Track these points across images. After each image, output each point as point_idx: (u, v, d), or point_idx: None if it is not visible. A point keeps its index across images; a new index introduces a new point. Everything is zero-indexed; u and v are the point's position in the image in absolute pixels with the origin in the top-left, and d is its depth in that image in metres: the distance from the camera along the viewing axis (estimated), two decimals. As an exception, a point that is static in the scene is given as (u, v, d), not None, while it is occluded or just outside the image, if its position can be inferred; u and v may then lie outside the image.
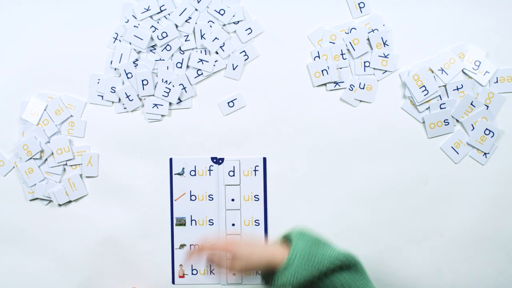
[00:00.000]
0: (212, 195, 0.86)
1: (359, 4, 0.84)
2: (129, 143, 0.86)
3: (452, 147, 0.84)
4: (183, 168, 0.86)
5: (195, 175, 0.86)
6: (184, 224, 0.86)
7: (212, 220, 0.86)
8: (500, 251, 0.84)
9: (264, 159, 0.85)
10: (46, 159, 0.86)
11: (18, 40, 0.86)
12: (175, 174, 0.86)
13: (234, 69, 0.85)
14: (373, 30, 0.83)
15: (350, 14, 0.84)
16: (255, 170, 0.85)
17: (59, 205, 0.87)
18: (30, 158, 0.86)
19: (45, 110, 0.86)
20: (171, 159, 0.86)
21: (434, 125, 0.83)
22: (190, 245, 0.86)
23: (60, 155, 0.86)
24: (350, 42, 0.83)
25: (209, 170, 0.86)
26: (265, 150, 0.86)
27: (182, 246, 0.87)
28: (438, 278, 0.85)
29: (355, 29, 0.83)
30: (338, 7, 0.84)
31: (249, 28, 0.85)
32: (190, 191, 0.86)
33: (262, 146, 0.86)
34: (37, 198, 0.87)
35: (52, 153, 0.86)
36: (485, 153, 0.84)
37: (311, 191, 0.85)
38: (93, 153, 0.86)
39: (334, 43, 0.84)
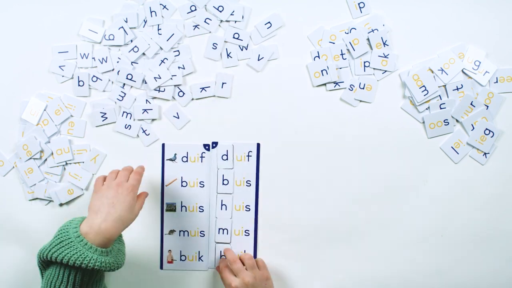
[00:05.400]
0: (203, 181, 0.86)
1: (359, 4, 0.84)
2: (127, 147, 0.86)
3: (452, 147, 0.84)
4: (175, 154, 0.86)
5: (187, 161, 0.86)
6: (174, 210, 0.87)
7: (202, 206, 0.87)
8: (500, 251, 0.84)
9: (258, 145, 0.85)
10: (46, 159, 0.86)
11: (18, 40, 0.86)
12: (167, 159, 0.86)
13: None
14: (373, 30, 0.83)
15: (350, 14, 0.84)
16: (248, 156, 0.85)
17: (60, 204, 0.87)
18: (30, 158, 0.86)
19: (45, 110, 0.86)
20: (163, 145, 0.86)
21: (434, 125, 0.83)
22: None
23: (60, 155, 0.86)
24: (350, 42, 0.83)
25: (201, 157, 0.86)
26: (264, 150, 0.86)
27: (171, 232, 0.87)
28: (438, 278, 0.85)
29: (355, 29, 0.83)
30: (338, 7, 0.84)
31: (249, 28, 0.85)
32: (182, 177, 0.86)
33: (261, 146, 0.86)
34: (37, 198, 0.87)
35: (52, 153, 0.86)
36: (485, 153, 0.84)
37: (311, 191, 0.85)
38: (101, 152, 0.86)
39: (334, 43, 0.84)
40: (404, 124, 0.84)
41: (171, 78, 0.84)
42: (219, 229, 0.86)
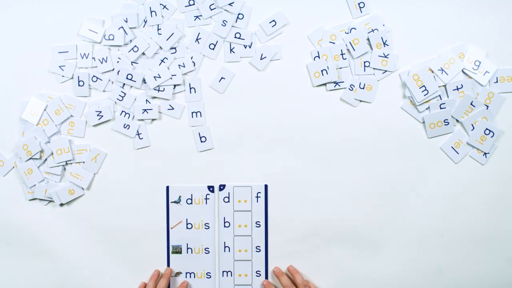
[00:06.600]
0: (208, 223, 0.86)
1: (359, 4, 0.84)
2: (128, 147, 0.86)
3: (452, 147, 0.84)
4: (180, 197, 0.86)
5: (191, 203, 0.86)
6: (180, 252, 0.86)
7: (208, 248, 0.86)
8: (500, 251, 0.84)
9: (266, 186, 0.85)
10: (46, 159, 0.86)
11: (18, 40, 0.86)
12: (171, 202, 0.86)
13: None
14: (373, 30, 0.83)
15: (350, 14, 0.84)
16: (257, 197, 0.86)
17: (61, 204, 0.87)
18: (30, 158, 0.86)
19: (45, 110, 0.86)
20: (167, 187, 0.86)
21: (434, 125, 0.83)
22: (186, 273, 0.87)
23: (60, 155, 0.86)
24: (350, 42, 0.83)
25: (206, 198, 0.86)
26: (264, 150, 0.86)
27: (178, 274, 0.87)
28: (438, 278, 0.85)
29: (355, 29, 0.83)
30: (338, 7, 0.84)
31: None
32: (187, 219, 0.86)
33: (261, 145, 0.86)
34: (36, 198, 0.87)
35: (52, 153, 0.86)
36: (485, 153, 0.84)
37: (311, 191, 0.85)
38: (101, 152, 0.86)
39: (334, 43, 0.84)
40: (404, 124, 0.84)
41: (171, 78, 0.84)
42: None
